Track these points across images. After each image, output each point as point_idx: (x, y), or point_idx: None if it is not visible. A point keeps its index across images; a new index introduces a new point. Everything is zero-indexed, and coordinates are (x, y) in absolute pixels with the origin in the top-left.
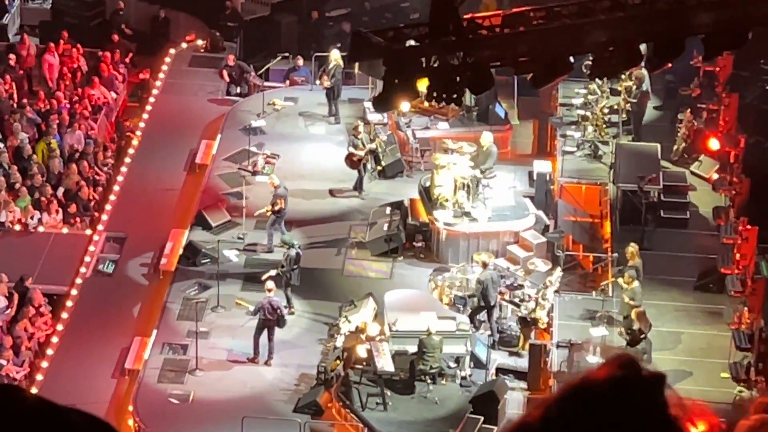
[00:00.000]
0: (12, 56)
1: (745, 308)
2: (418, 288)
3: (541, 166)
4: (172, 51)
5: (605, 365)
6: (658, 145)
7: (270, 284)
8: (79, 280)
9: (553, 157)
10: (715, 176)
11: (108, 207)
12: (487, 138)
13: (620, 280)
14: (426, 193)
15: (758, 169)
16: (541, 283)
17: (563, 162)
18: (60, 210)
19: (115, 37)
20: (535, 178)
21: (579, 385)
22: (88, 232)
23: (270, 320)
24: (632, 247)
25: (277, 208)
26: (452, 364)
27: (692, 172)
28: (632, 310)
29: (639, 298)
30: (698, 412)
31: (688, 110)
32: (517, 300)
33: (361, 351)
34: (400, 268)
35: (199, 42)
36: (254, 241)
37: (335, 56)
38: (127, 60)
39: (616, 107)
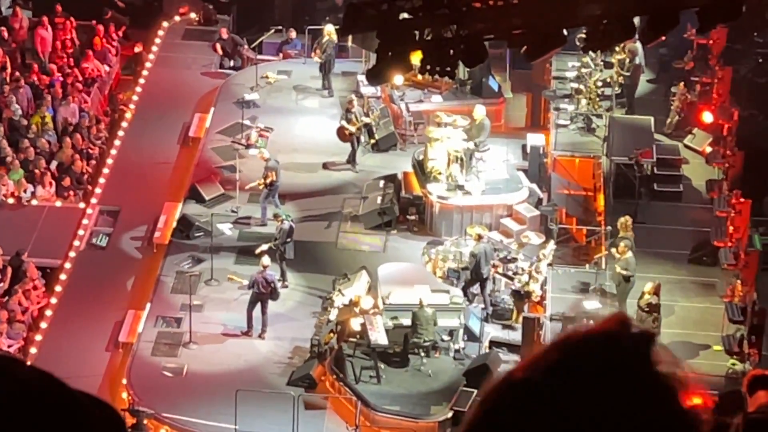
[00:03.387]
0: (4, 29)
1: (738, 281)
2: (411, 261)
3: (534, 139)
4: (165, 24)
5: (599, 322)
6: (652, 119)
7: (266, 260)
8: (72, 254)
9: (546, 130)
10: (709, 149)
11: (101, 180)
12: (480, 111)
13: (614, 250)
14: (419, 166)
15: (751, 142)
16: (534, 256)
17: (557, 135)
18: (53, 183)
19: (109, 14)
20: (528, 151)
21: (566, 339)
22: (82, 205)
23: (263, 294)
24: (625, 219)
25: (268, 180)
26: (446, 337)
27: (686, 145)
28: (648, 284)
29: (633, 268)
30: (692, 387)
31: (682, 83)
32: (510, 273)
33: (355, 324)
34: (393, 242)
35: (193, 15)
36: (248, 215)
37: (329, 30)
38: (120, 33)
39: (609, 80)
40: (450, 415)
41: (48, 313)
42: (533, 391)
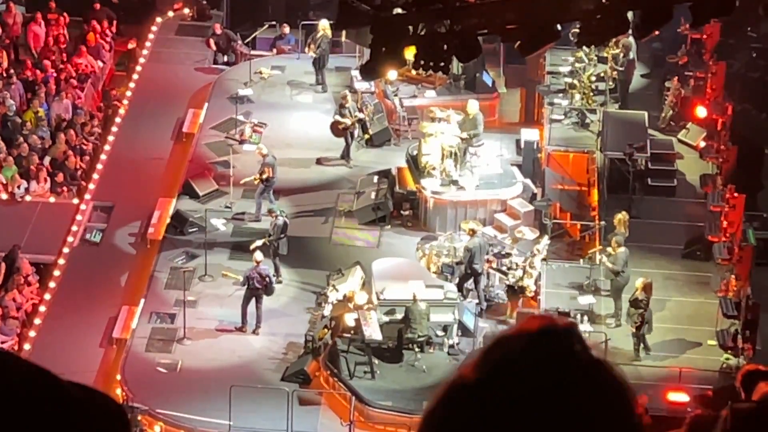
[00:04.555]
0: None
1: (732, 276)
2: (405, 256)
3: (528, 134)
4: (158, 20)
5: (523, 321)
6: (646, 113)
7: (258, 255)
8: (66, 250)
9: (540, 125)
10: (703, 144)
11: (95, 176)
12: (473, 106)
13: (609, 248)
14: (413, 161)
15: (745, 137)
16: (528, 251)
17: (551, 130)
18: (47, 179)
19: (97, 6)
20: (522, 146)
21: (502, 338)
22: (75, 201)
23: (258, 289)
24: (622, 215)
25: (264, 176)
26: (440, 333)
27: (679, 140)
28: (639, 280)
29: (620, 264)
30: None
31: (676, 78)
32: (504, 268)
33: (349, 320)
34: (387, 237)
35: (186, 10)
36: (242, 210)
37: (323, 25)
38: (113, 29)
39: (603, 75)
40: None
41: (42, 309)
42: (481, 392)
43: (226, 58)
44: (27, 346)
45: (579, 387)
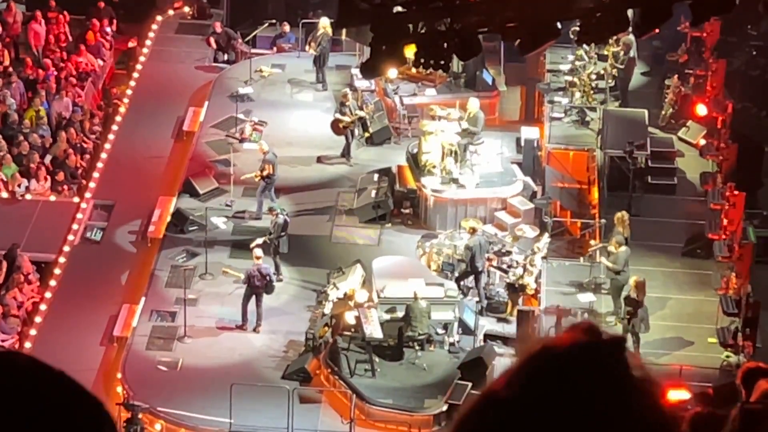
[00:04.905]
0: None
1: (733, 273)
2: (406, 255)
3: (528, 132)
4: (158, 18)
5: (566, 332)
6: (646, 111)
7: (258, 252)
8: (67, 248)
9: (540, 123)
10: (703, 142)
11: (96, 174)
12: (473, 104)
13: (609, 247)
14: (414, 159)
15: (745, 135)
16: (528, 249)
17: (551, 128)
18: (48, 178)
19: (101, 4)
20: (522, 144)
21: (541, 351)
22: (76, 199)
23: (258, 287)
24: (621, 214)
25: (265, 173)
26: (440, 331)
27: (680, 138)
28: (631, 278)
29: (621, 263)
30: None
31: (676, 76)
32: (505, 266)
33: (350, 318)
34: (388, 235)
35: (186, 9)
36: (242, 208)
37: (324, 23)
38: (113, 27)
39: (603, 73)
40: (445, 408)
41: (42, 307)
42: (516, 408)
43: (226, 57)
44: (28, 345)
45: (618, 409)
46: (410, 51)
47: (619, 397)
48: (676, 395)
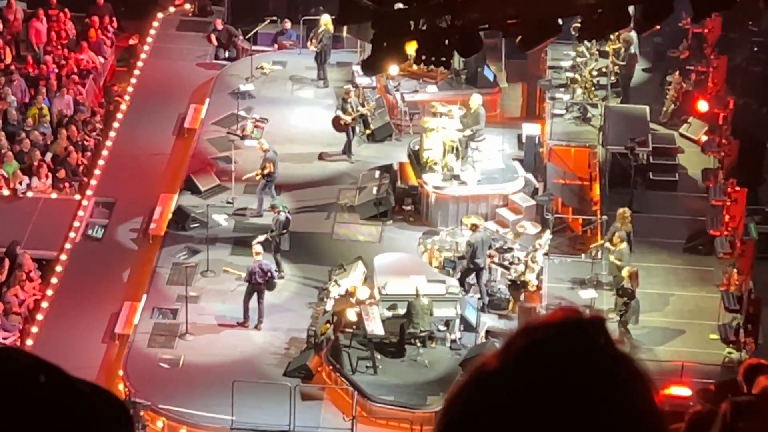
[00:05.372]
0: None
1: (734, 270)
2: (407, 251)
3: (530, 128)
4: (159, 15)
5: (551, 312)
6: (647, 108)
7: (258, 248)
8: (68, 245)
9: (542, 119)
10: (704, 138)
11: (97, 172)
12: (475, 100)
13: (608, 245)
14: (415, 156)
15: (747, 131)
16: (530, 245)
17: (552, 125)
18: (49, 175)
19: (101, 1)
20: (524, 140)
21: (527, 328)
22: (77, 197)
23: (260, 284)
24: (623, 210)
25: (266, 171)
26: (442, 328)
27: (681, 134)
28: (622, 270)
29: (627, 258)
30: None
31: (677, 72)
32: (506, 263)
33: (351, 315)
34: (389, 232)
35: (187, 6)
36: (243, 206)
37: (325, 20)
38: (114, 24)
39: (604, 69)
40: None
41: (44, 305)
42: (505, 380)
43: (227, 54)
44: (29, 342)
45: (601, 379)
46: (411, 48)
47: (600, 368)
48: (678, 392)
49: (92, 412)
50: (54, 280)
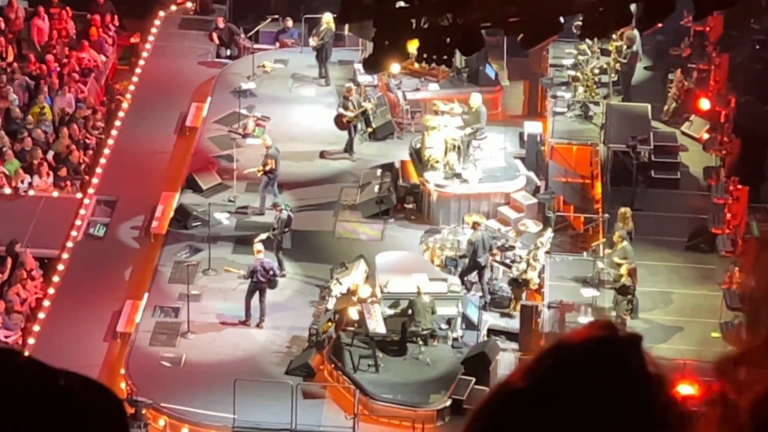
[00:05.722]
0: (0, 20)
1: (736, 268)
2: (409, 250)
3: (531, 127)
4: (161, 13)
5: (584, 328)
6: (649, 106)
7: (259, 246)
8: (70, 244)
9: (543, 117)
10: (706, 136)
11: (98, 170)
12: (476, 99)
13: (614, 237)
14: (417, 154)
15: (749, 129)
16: (532, 244)
17: (554, 123)
18: (50, 173)
19: (101, 0)
20: (525, 139)
21: (558, 346)
22: (79, 195)
23: (262, 282)
24: (624, 210)
25: (267, 168)
26: (444, 326)
27: (683, 132)
28: (623, 267)
29: (631, 256)
30: (686, 375)
31: (679, 70)
32: (508, 261)
33: (353, 313)
34: (391, 230)
35: (189, 4)
36: (245, 204)
37: (327, 18)
38: (116, 23)
39: (606, 67)
40: (448, 403)
41: (46, 303)
42: (531, 400)
43: (229, 52)
44: (31, 341)
45: (631, 404)
46: (413, 46)
47: (633, 391)
48: (684, 390)
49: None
50: (56, 279)
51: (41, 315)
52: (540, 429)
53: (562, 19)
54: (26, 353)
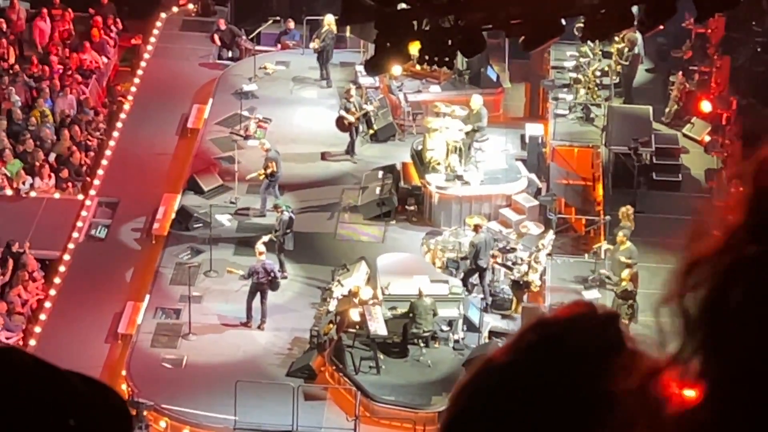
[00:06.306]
0: (2, 21)
1: None
2: (410, 251)
3: (533, 129)
4: (163, 15)
5: (565, 306)
6: (650, 108)
7: (261, 248)
8: (71, 245)
9: (545, 120)
10: (707, 138)
11: (100, 172)
12: (477, 101)
13: (620, 234)
14: (418, 156)
15: (750, 131)
16: (533, 246)
17: (555, 125)
18: (52, 175)
19: (104, 1)
20: (527, 141)
21: (540, 322)
22: (80, 197)
23: (263, 284)
24: (626, 209)
25: (268, 171)
26: (445, 328)
27: (684, 135)
28: (626, 269)
29: (636, 256)
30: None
31: (680, 72)
32: (509, 263)
33: (354, 315)
34: (392, 232)
35: (190, 6)
36: (246, 206)
37: (328, 20)
38: (118, 24)
39: (607, 70)
40: None
41: (47, 305)
42: (513, 374)
43: (230, 54)
44: (32, 342)
45: (605, 376)
46: (414, 48)
47: (611, 365)
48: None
49: (89, 410)
50: (57, 280)
51: (42, 316)
52: (522, 402)
53: (563, 21)
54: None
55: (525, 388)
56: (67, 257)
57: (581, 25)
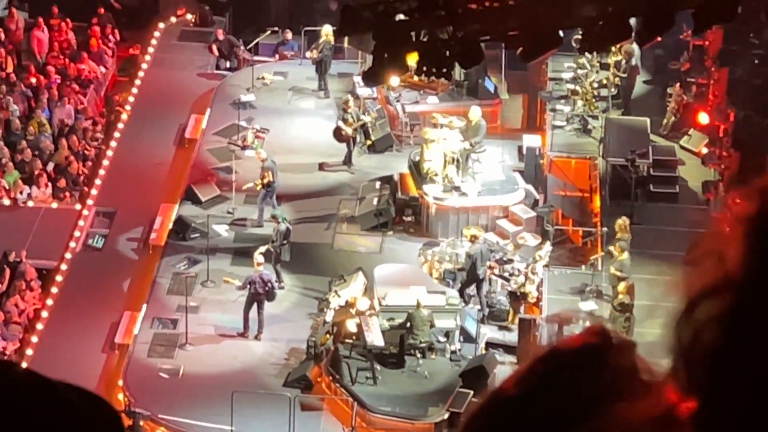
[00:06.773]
0: (0, 31)
1: None
2: (407, 262)
3: (530, 140)
4: (161, 25)
5: (577, 334)
6: (648, 120)
7: (259, 258)
8: (68, 255)
9: (542, 131)
10: (705, 150)
11: (97, 182)
12: (475, 112)
13: (612, 248)
14: (415, 167)
15: (748, 143)
16: (530, 257)
17: (553, 136)
18: (49, 184)
19: (101, 10)
20: (524, 152)
21: (551, 353)
22: (78, 206)
23: (260, 294)
24: (622, 220)
25: (265, 181)
26: (442, 339)
27: (682, 147)
28: (620, 282)
29: (627, 270)
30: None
31: (678, 84)
32: (506, 274)
33: (351, 325)
34: (389, 243)
35: (189, 16)
36: (244, 216)
37: (326, 31)
38: (116, 34)
39: (605, 81)
40: (446, 416)
41: (44, 314)
42: (524, 408)
43: (228, 64)
44: (29, 352)
45: (617, 408)
46: (412, 59)
47: (625, 398)
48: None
49: (84, 424)
50: (54, 290)
51: (39, 326)
52: None
53: (561, 33)
54: (24, 365)
55: (535, 423)
56: (64, 267)
57: (579, 36)
